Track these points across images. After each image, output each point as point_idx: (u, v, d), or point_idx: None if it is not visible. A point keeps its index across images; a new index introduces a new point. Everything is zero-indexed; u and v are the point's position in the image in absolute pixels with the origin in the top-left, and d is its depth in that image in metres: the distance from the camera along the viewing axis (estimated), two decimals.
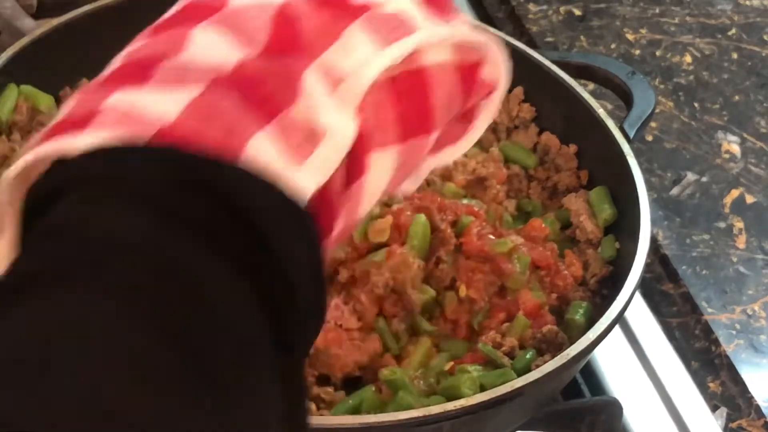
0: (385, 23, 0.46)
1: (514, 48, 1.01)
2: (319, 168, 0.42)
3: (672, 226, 1.08)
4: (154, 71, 0.42)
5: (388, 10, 0.47)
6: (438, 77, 0.48)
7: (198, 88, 0.41)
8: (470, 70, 0.51)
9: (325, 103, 0.43)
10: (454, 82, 0.50)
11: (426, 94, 0.48)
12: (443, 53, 0.49)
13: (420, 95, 0.48)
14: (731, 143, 1.18)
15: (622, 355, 0.97)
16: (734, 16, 1.35)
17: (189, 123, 0.40)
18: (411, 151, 0.48)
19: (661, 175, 1.13)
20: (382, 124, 0.46)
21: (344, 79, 0.44)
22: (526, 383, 0.73)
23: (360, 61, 0.45)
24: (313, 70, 0.43)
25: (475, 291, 0.84)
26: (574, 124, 0.97)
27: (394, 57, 0.46)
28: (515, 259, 0.86)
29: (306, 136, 0.42)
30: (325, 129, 0.43)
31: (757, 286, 1.03)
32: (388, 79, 0.46)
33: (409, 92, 0.47)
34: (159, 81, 0.42)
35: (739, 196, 1.12)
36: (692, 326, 1.00)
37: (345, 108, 0.44)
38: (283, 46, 0.44)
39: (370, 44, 0.45)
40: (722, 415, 0.93)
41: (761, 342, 0.98)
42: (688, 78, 1.25)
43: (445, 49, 0.49)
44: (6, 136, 0.92)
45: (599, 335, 0.76)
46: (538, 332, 0.82)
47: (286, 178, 0.40)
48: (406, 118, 0.47)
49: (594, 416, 0.82)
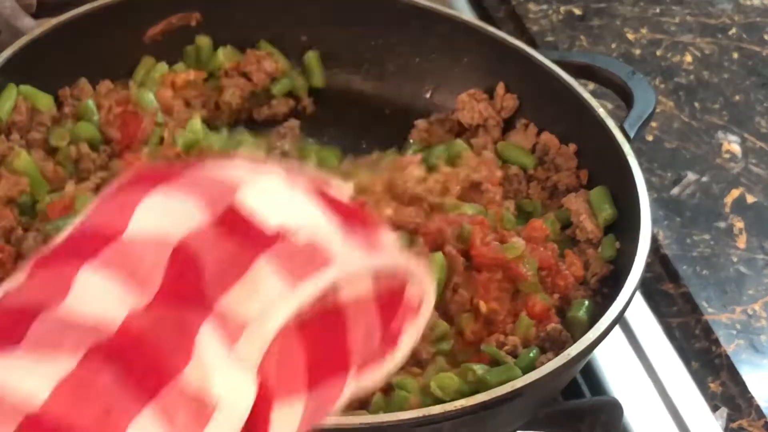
0: (298, 257, 0.42)
1: (514, 48, 1.01)
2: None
3: (672, 226, 1.08)
4: (28, 329, 0.38)
5: (302, 239, 0.42)
6: (355, 315, 0.44)
7: (73, 359, 0.37)
8: (392, 299, 0.47)
9: (219, 366, 0.39)
10: (372, 315, 0.45)
11: (341, 335, 0.44)
12: (362, 284, 0.44)
13: (335, 337, 0.43)
14: (732, 143, 1.18)
15: (622, 355, 0.96)
16: (735, 16, 1.35)
17: (59, 407, 0.36)
18: (322, 395, 0.44)
19: (662, 174, 1.13)
20: (289, 373, 0.42)
21: (246, 326, 0.39)
22: (527, 383, 0.73)
23: (265, 305, 0.40)
24: (210, 323, 0.39)
25: (496, 301, 0.84)
26: (574, 123, 0.97)
27: (304, 298, 0.41)
28: (525, 263, 0.85)
29: (196, 411, 0.38)
30: (217, 401, 0.38)
31: (758, 286, 1.03)
32: (298, 322, 0.41)
33: (323, 335, 0.43)
34: (32, 344, 0.38)
35: (739, 196, 1.12)
36: (692, 326, 1.00)
37: (244, 368, 0.39)
38: (179, 290, 0.40)
39: (279, 282, 0.41)
40: (722, 416, 0.93)
41: (761, 342, 0.98)
42: (688, 78, 1.25)
43: (364, 279, 0.45)
44: (5, 136, 0.92)
45: (599, 335, 0.76)
46: (542, 331, 0.82)
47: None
48: (317, 363, 0.43)
49: (594, 416, 0.82)
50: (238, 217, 0.42)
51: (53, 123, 0.95)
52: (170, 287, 0.40)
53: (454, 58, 1.04)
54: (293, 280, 0.41)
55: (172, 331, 0.39)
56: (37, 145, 0.93)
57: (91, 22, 0.96)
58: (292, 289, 0.41)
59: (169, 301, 0.39)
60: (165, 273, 0.40)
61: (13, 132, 0.92)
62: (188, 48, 1.04)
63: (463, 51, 1.04)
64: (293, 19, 1.06)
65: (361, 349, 0.45)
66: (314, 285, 0.41)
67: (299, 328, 0.42)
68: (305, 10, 1.06)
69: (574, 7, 1.33)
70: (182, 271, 0.40)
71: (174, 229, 0.41)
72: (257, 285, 0.40)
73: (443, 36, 1.04)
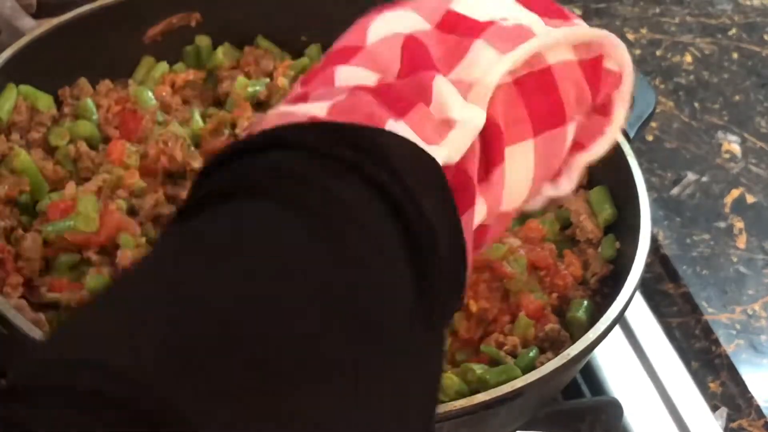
0: (507, 34, 0.51)
1: None
2: (450, 146, 0.47)
3: (672, 226, 1.08)
4: (308, 97, 0.49)
5: (509, 24, 0.52)
6: (562, 73, 0.53)
7: (342, 96, 0.48)
8: (593, 64, 0.55)
9: (455, 101, 0.48)
10: (578, 76, 0.54)
11: (553, 89, 0.52)
12: (564, 53, 0.53)
13: (547, 91, 0.52)
14: (731, 143, 1.18)
15: (623, 355, 0.96)
16: (734, 16, 1.35)
17: (334, 116, 0.47)
18: (547, 143, 0.53)
19: (662, 175, 1.13)
20: (514, 120, 0.51)
21: (473, 84, 0.49)
22: (527, 383, 0.73)
23: (484, 69, 0.50)
24: (442, 78, 0.49)
25: (485, 300, 0.84)
26: None
27: (515, 59, 0.50)
28: (513, 262, 0.86)
29: (439, 126, 0.47)
30: (455, 121, 0.48)
31: (758, 286, 1.03)
32: (515, 81, 0.51)
33: (537, 89, 0.52)
34: (313, 99, 0.49)
35: (739, 196, 1.12)
36: (692, 326, 1.00)
37: (475, 106, 0.49)
38: (414, 68, 0.50)
39: (493, 53, 0.50)
40: (722, 416, 0.93)
41: (761, 342, 0.98)
42: (688, 78, 1.25)
43: (565, 49, 0.53)
44: (5, 136, 0.92)
45: (599, 335, 0.76)
46: (541, 331, 0.82)
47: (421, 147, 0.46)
48: (537, 113, 0.52)
49: (594, 416, 0.82)
50: (454, 18, 0.52)
51: (53, 123, 0.95)
52: (407, 68, 0.50)
53: None
54: (505, 50, 0.51)
55: (415, 84, 0.49)
56: (36, 145, 0.93)
57: (92, 22, 0.96)
58: (505, 54, 0.50)
59: (408, 75, 0.49)
60: (402, 56, 0.50)
61: (13, 132, 0.92)
62: (188, 48, 1.04)
63: None
64: (293, 18, 1.06)
65: (575, 106, 0.54)
66: (522, 49, 0.51)
67: (516, 84, 0.51)
68: (305, 11, 1.06)
69: (573, 7, 1.33)
70: (415, 54, 0.50)
71: (403, 29, 0.52)
72: (476, 58, 0.50)
73: None
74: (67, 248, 0.83)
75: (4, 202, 0.86)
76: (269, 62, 1.04)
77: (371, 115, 0.46)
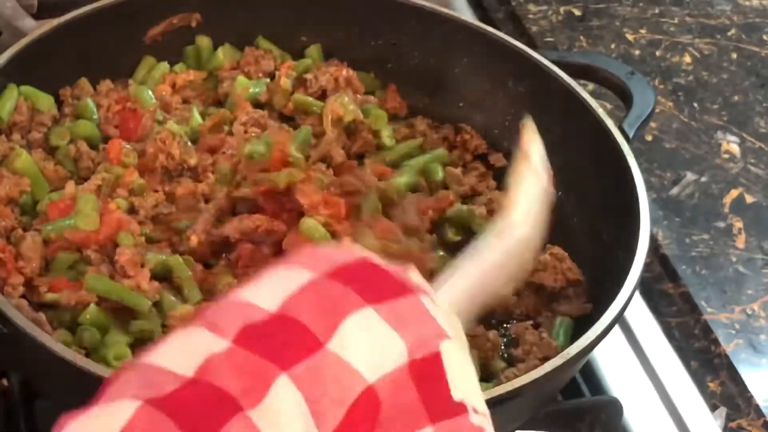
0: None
1: (513, 48, 1.01)
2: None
3: (672, 226, 1.08)
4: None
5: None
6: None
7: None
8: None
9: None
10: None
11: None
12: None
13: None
14: (731, 143, 1.18)
15: (622, 354, 0.97)
16: (734, 16, 1.35)
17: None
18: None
19: (661, 175, 1.13)
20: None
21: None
22: (526, 383, 0.73)
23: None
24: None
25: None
26: (574, 124, 0.97)
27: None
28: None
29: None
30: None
31: (757, 285, 1.03)
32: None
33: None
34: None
35: (738, 196, 1.12)
36: (692, 326, 1.00)
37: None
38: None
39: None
40: (722, 415, 0.93)
41: (761, 342, 0.98)
42: (687, 78, 1.25)
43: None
44: (6, 136, 0.92)
45: (599, 335, 0.76)
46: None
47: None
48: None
49: (594, 416, 0.82)
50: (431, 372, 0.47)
51: (54, 123, 0.95)
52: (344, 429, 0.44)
53: (454, 59, 1.04)
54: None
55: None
56: (37, 145, 0.93)
57: (92, 22, 0.96)
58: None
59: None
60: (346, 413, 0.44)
61: (14, 132, 0.93)
62: (188, 48, 1.05)
63: (463, 51, 1.04)
64: (293, 18, 1.06)
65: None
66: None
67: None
68: (305, 11, 1.06)
69: (573, 7, 1.33)
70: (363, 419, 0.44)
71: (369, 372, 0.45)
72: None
73: (443, 37, 1.04)
74: (67, 248, 0.83)
75: (5, 202, 0.86)
76: (269, 62, 1.04)
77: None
